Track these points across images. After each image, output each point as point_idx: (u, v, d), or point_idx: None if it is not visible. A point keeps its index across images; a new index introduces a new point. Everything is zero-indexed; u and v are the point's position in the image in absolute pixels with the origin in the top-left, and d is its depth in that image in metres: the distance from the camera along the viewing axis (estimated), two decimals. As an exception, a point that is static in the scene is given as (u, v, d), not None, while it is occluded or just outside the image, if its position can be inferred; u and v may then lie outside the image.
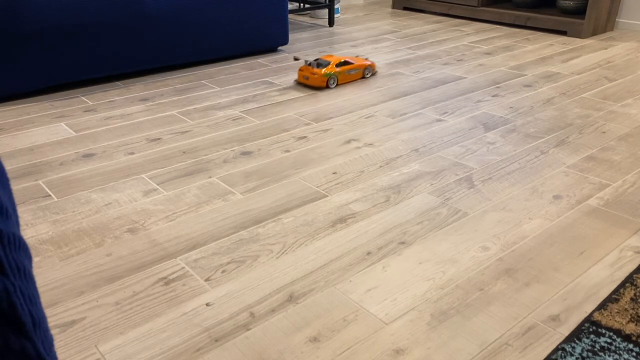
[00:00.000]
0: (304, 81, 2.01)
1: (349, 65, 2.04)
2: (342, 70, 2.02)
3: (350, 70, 2.04)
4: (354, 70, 2.06)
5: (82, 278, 0.99)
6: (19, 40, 1.80)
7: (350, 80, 2.06)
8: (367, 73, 2.11)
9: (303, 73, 2.01)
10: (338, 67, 2.01)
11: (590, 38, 2.77)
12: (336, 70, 2.00)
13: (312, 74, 1.98)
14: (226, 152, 1.50)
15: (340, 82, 2.03)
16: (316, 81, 1.98)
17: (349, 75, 2.05)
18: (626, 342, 0.83)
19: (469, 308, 0.91)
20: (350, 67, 2.04)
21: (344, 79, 2.04)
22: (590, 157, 1.46)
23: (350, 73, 2.05)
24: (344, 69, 2.02)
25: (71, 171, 1.39)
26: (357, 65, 2.07)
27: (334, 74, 2.00)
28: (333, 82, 2.00)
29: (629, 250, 1.06)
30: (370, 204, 1.24)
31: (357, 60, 2.09)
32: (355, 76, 2.07)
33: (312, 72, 1.98)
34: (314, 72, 1.97)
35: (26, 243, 0.32)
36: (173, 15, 2.10)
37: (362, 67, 2.08)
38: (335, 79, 2.00)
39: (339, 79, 2.02)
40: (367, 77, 2.11)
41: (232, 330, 0.87)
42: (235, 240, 1.10)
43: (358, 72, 2.07)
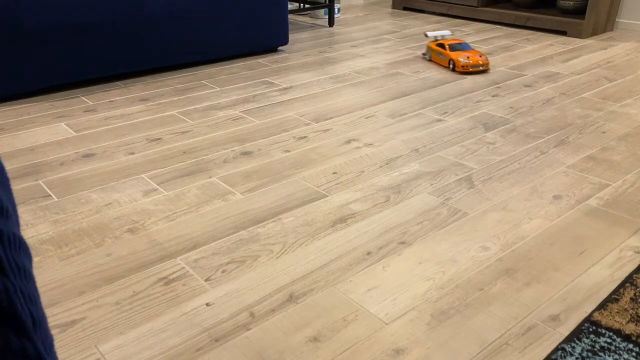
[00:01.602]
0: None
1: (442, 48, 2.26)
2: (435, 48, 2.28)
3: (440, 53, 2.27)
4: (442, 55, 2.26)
5: (82, 278, 0.99)
6: (19, 40, 1.80)
7: (440, 62, 2.29)
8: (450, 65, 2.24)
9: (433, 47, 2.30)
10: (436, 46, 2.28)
11: (590, 38, 2.77)
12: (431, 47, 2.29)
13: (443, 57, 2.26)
14: (226, 152, 1.50)
15: (433, 59, 2.31)
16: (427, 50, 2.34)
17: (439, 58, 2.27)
18: (626, 342, 0.83)
19: (469, 308, 0.91)
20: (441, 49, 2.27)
21: (435, 58, 2.29)
22: (590, 157, 1.46)
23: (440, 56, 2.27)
24: (437, 49, 2.26)
25: (71, 171, 1.39)
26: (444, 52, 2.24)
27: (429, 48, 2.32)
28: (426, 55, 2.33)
29: (629, 250, 1.06)
30: (370, 204, 1.24)
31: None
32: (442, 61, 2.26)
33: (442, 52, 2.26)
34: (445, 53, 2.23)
35: (26, 243, 0.32)
36: (173, 15, 2.10)
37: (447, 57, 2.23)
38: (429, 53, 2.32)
39: (432, 56, 2.30)
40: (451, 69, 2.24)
41: (232, 330, 0.87)
42: (235, 240, 1.10)
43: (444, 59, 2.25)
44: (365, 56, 2.44)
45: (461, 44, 2.23)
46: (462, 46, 2.23)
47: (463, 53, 2.18)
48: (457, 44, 2.23)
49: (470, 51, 2.20)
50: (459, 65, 2.14)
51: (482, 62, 2.15)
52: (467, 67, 2.15)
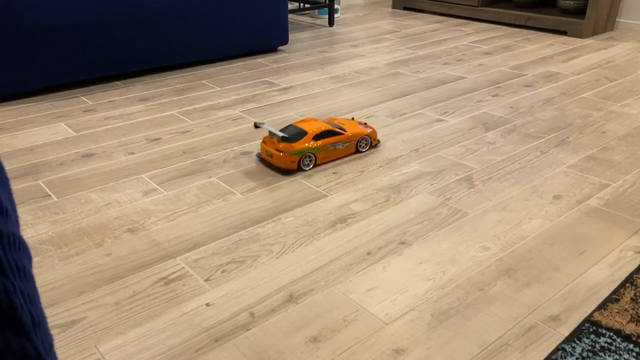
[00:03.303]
0: (268, 159, 1.41)
1: (334, 136, 1.43)
2: (322, 144, 1.41)
3: (336, 144, 1.43)
4: (342, 144, 1.45)
5: (82, 278, 0.99)
6: (19, 40, 1.79)
7: (337, 157, 1.46)
8: (362, 145, 1.49)
9: (266, 147, 1.41)
10: (316, 140, 1.40)
11: (590, 38, 2.77)
12: (313, 146, 1.39)
13: (277, 151, 1.37)
14: (226, 152, 1.50)
15: (322, 162, 1.43)
16: (282, 162, 1.37)
17: (334, 151, 1.44)
18: (626, 342, 0.83)
19: (469, 308, 0.91)
20: (335, 139, 1.43)
21: (327, 157, 1.43)
22: (591, 157, 1.46)
23: (337, 147, 1.44)
24: (326, 142, 1.42)
25: (71, 171, 1.39)
26: (346, 136, 1.45)
27: (310, 151, 1.39)
28: (309, 163, 1.40)
29: (629, 250, 1.06)
30: (370, 204, 1.24)
31: (349, 128, 1.48)
32: (345, 151, 1.46)
33: (277, 147, 1.38)
34: (280, 148, 1.37)
35: (26, 243, 0.32)
36: (173, 15, 2.10)
37: (354, 138, 1.47)
38: (312, 158, 1.40)
39: (319, 158, 1.41)
40: (363, 151, 1.50)
41: (232, 330, 0.87)
42: (235, 240, 1.10)
43: (349, 145, 1.46)
44: (365, 56, 2.44)
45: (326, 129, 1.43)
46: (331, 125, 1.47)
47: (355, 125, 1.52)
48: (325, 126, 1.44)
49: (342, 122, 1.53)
50: (375, 137, 1.52)
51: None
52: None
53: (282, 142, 1.38)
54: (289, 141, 1.38)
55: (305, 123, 1.44)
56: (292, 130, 1.42)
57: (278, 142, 1.38)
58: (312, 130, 1.41)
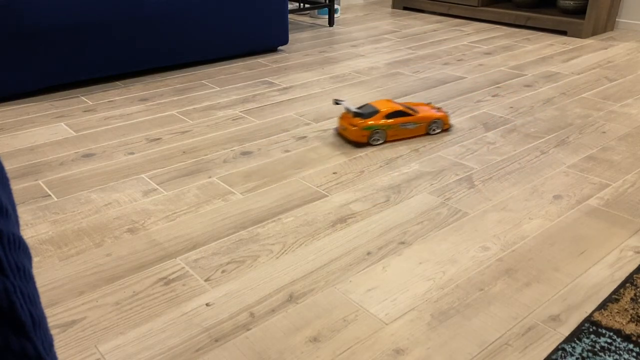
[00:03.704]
0: (342, 132, 1.57)
1: (405, 117, 1.54)
2: (392, 123, 1.53)
3: (407, 124, 1.54)
4: (413, 124, 1.55)
5: (82, 278, 0.99)
6: (19, 40, 1.79)
7: (406, 136, 1.57)
8: (433, 128, 1.59)
9: (342, 122, 1.57)
10: (388, 118, 1.53)
11: (590, 38, 2.77)
12: (384, 123, 1.52)
13: (351, 125, 1.52)
14: (226, 152, 1.50)
15: (392, 139, 1.55)
16: (354, 135, 1.51)
17: (404, 130, 1.55)
18: (626, 342, 0.83)
19: (469, 308, 0.91)
20: (406, 119, 1.54)
21: (397, 135, 1.55)
22: (591, 157, 1.46)
23: (407, 127, 1.55)
24: (397, 121, 1.53)
25: (71, 171, 1.39)
26: (418, 117, 1.55)
27: (380, 127, 1.52)
28: (378, 138, 1.53)
29: (629, 250, 1.06)
30: (370, 204, 1.24)
31: (420, 111, 1.59)
32: (415, 131, 1.57)
33: (350, 122, 1.53)
34: (353, 122, 1.52)
35: (26, 243, 0.32)
36: (173, 15, 2.10)
37: (425, 120, 1.57)
38: (382, 134, 1.53)
39: (389, 135, 1.54)
40: (433, 133, 1.60)
41: (232, 330, 0.87)
42: (235, 240, 1.10)
43: (419, 126, 1.56)
44: (365, 56, 2.44)
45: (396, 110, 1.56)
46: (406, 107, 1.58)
47: (430, 109, 1.62)
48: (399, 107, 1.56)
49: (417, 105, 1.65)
50: (447, 121, 1.61)
51: None
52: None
53: (356, 118, 1.53)
54: (362, 117, 1.53)
55: (381, 103, 1.57)
56: (367, 109, 1.56)
57: (352, 118, 1.54)
58: (385, 110, 1.54)
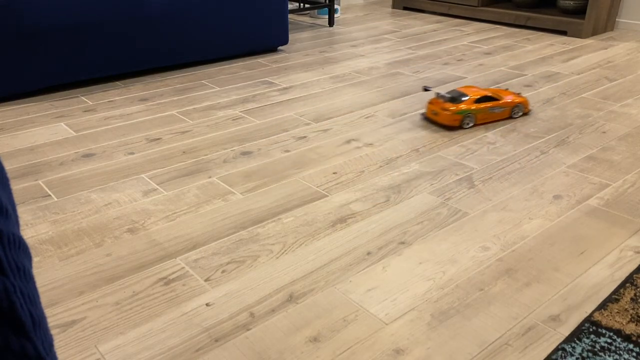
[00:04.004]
0: (433, 117, 1.68)
1: (493, 101, 1.68)
2: (482, 107, 1.66)
3: (493, 108, 1.68)
4: (499, 108, 1.69)
5: (82, 278, 0.99)
6: (19, 40, 1.79)
7: (492, 119, 1.70)
8: (515, 112, 1.72)
9: (432, 107, 1.68)
10: (478, 103, 1.66)
11: (590, 38, 2.77)
12: (474, 107, 1.65)
13: (443, 110, 1.64)
14: (226, 152, 1.50)
15: (480, 122, 1.68)
16: (447, 119, 1.63)
17: (491, 114, 1.68)
18: (626, 342, 0.83)
19: (469, 308, 0.91)
20: (493, 103, 1.68)
21: (485, 118, 1.68)
22: (591, 157, 1.46)
23: (494, 111, 1.68)
24: (486, 105, 1.67)
25: (71, 171, 1.39)
26: (503, 102, 1.69)
27: (471, 111, 1.64)
28: (469, 122, 1.65)
29: (629, 250, 1.06)
30: (370, 204, 1.24)
31: (504, 96, 1.73)
32: (500, 115, 1.70)
33: (443, 107, 1.64)
34: (446, 107, 1.64)
35: (26, 243, 0.32)
36: (173, 15, 2.10)
37: (509, 105, 1.70)
38: (472, 118, 1.65)
39: (478, 118, 1.67)
40: (515, 117, 1.73)
41: (232, 330, 0.87)
42: (235, 240, 1.10)
43: (504, 110, 1.70)
44: (365, 56, 2.44)
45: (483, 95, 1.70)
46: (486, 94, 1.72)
47: (509, 94, 1.75)
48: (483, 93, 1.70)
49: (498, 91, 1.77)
50: (527, 105, 1.75)
51: None
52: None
53: (448, 103, 1.64)
54: (455, 102, 1.64)
55: (468, 89, 1.70)
56: (457, 94, 1.67)
57: (444, 103, 1.65)
58: (474, 95, 1.66)
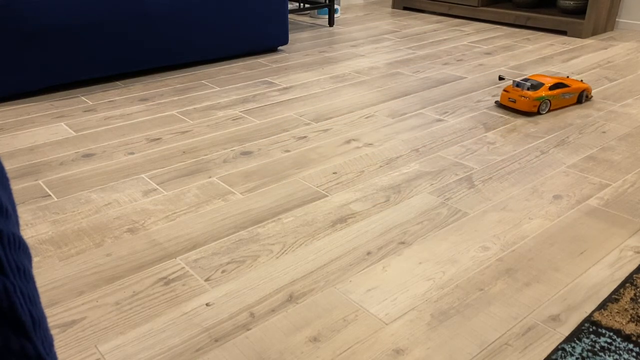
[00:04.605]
0: (510, 104, 1.76)
1: (564, 88, 1.79)
2: (556, 93, 1.76)
3: (565, 94, 1.78)
4: (569, 94, 1.79)
5: (82, 278, 0.99)
6: (19, 40, 1.79)
7: (564, 105, 1.80)
8: (583, 97, 1.83)
9: (509, 95, 1.76)
10: (552, 89, 1.76)
11: (590, 38, 2.77)
12: (550, 94, 1.74)
13: (521, 97, 1.72)
14: (226, 152, 1.50)
15: (553, 107, 1.78)
16: (525, 105, 1.72)
17: (563, 100, 1.79)
18: (626, 342, 0.83)
19: (469, 308, 0.91)
20: (565, 90, 1.78)
21: (558, 104, 1.78)
22: (590, 157, 1.46)
23: (565, 97, 1.79)
24: (559, 92, 1.77)
25: (71, 171, 1.39)
26: (573, 88, 1.80)
27: (547, 97, 1.74)
28: (545, 107, 1.75)
29: (629, 250, 1.06)
30: (370, 204, 1.24)
31: (571, 82, 1.82)
32: (570, 100, 1.81)
33: (521, 94, 1.73)
34: (524, 94, 1.72)
35: (26, 243, 0.32)
36: (173, 15, 2.10)
37: (578, 90, 1.81)
38: (548, 104, 1.75)
39: (552, 104, 1.76)
40: (582, 102, 1.84)
41: (232, 330, 0.87)
42: (235, 240, 1.10)
43: (573, 96, 1.81)
44: (365, 56, 2.44)
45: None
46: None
47: (573, 81, 1.84)
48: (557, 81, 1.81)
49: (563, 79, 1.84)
50: (590, 91, 1.86)
51: None
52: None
53: (526, 90, 1.74)
54: (533, 89, 1.74)
55: (539, 77, 1.81)
56: (534, 82, 1.77)
57: (523, 90, 1.74)
58: (548, 82, 1.77)
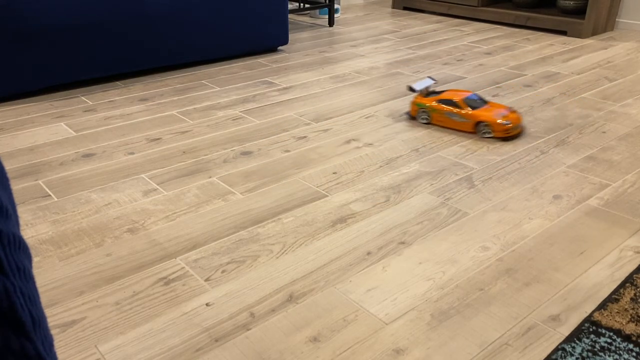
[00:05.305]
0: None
1: (452, 107, 1.59)
2: (438, 107, 1.61)
3: (452, 114, 1.59)
4: (458, 117, 1.57)
5: (82, 278, 0.99)
6: (19, 40, 1.79)
7: (454, 126, 1.61)
8: (480, 130, 1.55)
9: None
10: (439, 103, 1.61)
11: (590, 38, 2.77)
12: (432, 106, 1.62)
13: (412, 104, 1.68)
14: (226, 152, 1.50)
15: (437, 122, 1.63)
16: (410, 107, 1.70)
17: (450, 120, 1.60)
18: (626, 342, 0.83)
19: (469, 308, 0.91)
20: (452, 109, 1.58)
21: (442, 121, 1.62)
22: (590, 157, 1.46)
23: (452, 118, 1.59)
24: (442, 107, 1.60)
25: (71, 171, 1.39)
26: (464, 113, 1.56)
27: (426, 108, 1.64)
28: (424, 117, 1.66)
29: (629, 250, 1.06)
30: (370, 204, 1.24)
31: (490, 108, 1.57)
32: (463, 125, 1.58)
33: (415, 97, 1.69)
34: (415, 98, 1.68)
35: (26, 243, 0.32)
36: (173, 15, 2.10)
37: (472, 118, 1.55)
38: (427, 115, 1.64)
39: (433, 117, 1.63)
40: (482, 135, 1.56)
41: (232, 330, 0.87)
42: (235, 240, 1.10)
43: (466, 122, 1.57)
44: (365, 56, 2.44)
45: (475, 97, 1.61)
46: (476, 101, 1.60)
47: (492, 111, 1.56)
48: (469, 98, 1.60)
49: (493, 106, 1.60)
50: (498, 130, 1.53)
51: (519, 121, 1.57)
52: (509, 131, 1.53)
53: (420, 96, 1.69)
54: (426, 96, 1.68)
55: (454, 92, 1.64)
56: (435, 92, 1.69)
57: (419, 95, 1.69)
58: (445, 96, 1.63)
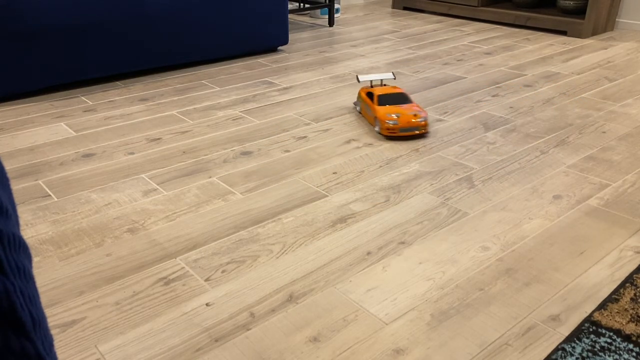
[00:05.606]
0: None
1: (369, 101, 1.64)
2: (362, 99, 1.69)
3: (368, 108, 1.64)
4: (370, 112, 1.63)
5: (82, 278, 0.99)
6: (19, 40, 1.79)
7: (367, 118, 1.67)
8: (376, 124, 1.59)
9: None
10: (366, 95, 1.68)
11: (590, 38, 2.77)
12: (361, 97, 1.71)
13: None
14: (226, 152, 1.50)
15: (362, 114, 1.72)
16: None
17: (366, 113, 1.67)
18: (626, 342, 0.83)
19: (469, 308, 0.91)
20: (369, 104, 1.64)
21: (364, 113, 1.70)
22: (590, 157, 1.46)
23: (367, 112, 1.65)
24: (364, 100, 1.67)
25: (71, 171, 1.39)
26: (373, 108, 1.60)
27: (358, 99, 1.74)
28: (355, 105, 1.77)
29: (629, 250, 1.06)
30: (370, 204, 1.24)
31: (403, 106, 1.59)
32: (369, 118, 1.65)
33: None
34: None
35: (26, 243, 0.32)
36: (173, 15, 2.10)
37: (374, 113, 1.58)
38: (357, 104, 1.76)
39: (362, 109, 1.71)
40: (377, 130, 1.59)
41: (232, 330, 0.87)
42: (235, 240, 1.10)
43: (369, 116, 1.65)
44: (365, 56, 2.44)
45: (398, 94, 1.63)
46: (395, 98, 1.62)
47: (393, 109, 1.57)
48: (391, 94, 1.62)
49: (406, 106, 1.59)
50: (382, 127, 1.54)
51: (416, 124, 1.54)
52: (394, 131, 1.54)
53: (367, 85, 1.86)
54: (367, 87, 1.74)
55: (388, 88, 1.67)
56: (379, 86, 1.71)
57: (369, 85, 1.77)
58: (376, 90, 1.66)
